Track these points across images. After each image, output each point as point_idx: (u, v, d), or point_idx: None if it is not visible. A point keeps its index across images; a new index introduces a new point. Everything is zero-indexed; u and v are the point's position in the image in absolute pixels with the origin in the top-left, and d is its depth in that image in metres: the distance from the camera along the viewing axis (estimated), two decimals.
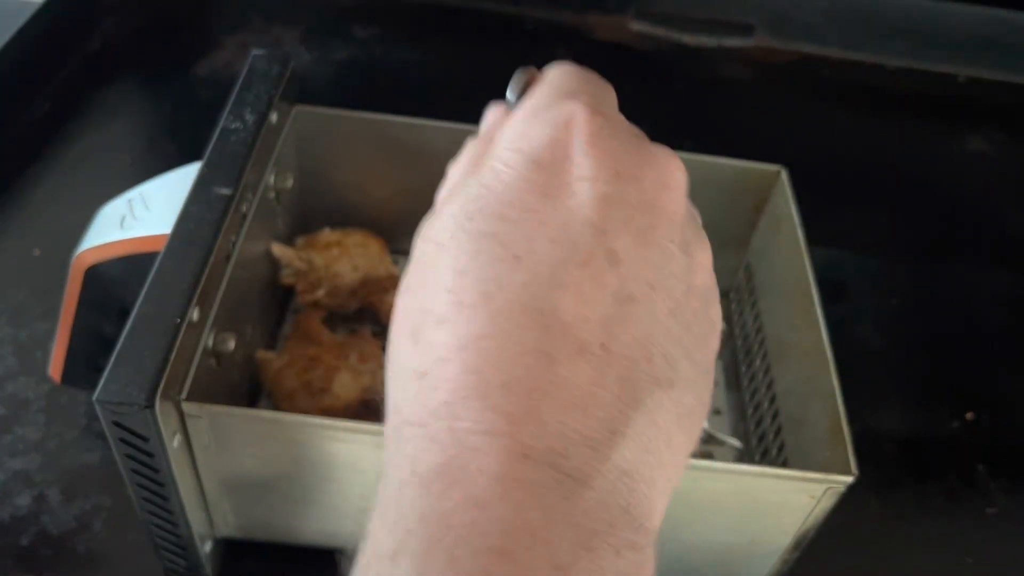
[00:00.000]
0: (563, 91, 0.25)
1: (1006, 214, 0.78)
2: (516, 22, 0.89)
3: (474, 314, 0.21)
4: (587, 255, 0.21)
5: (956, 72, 0.90)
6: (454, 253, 0.22)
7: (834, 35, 0.91)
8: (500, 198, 0.22)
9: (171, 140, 0.73)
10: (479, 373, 0.20)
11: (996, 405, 0.62)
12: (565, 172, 0.22)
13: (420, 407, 0.21)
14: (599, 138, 0.23)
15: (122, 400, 0.35)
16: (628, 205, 0.22)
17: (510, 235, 0.22)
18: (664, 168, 0.23)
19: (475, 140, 0.27)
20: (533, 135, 0.23)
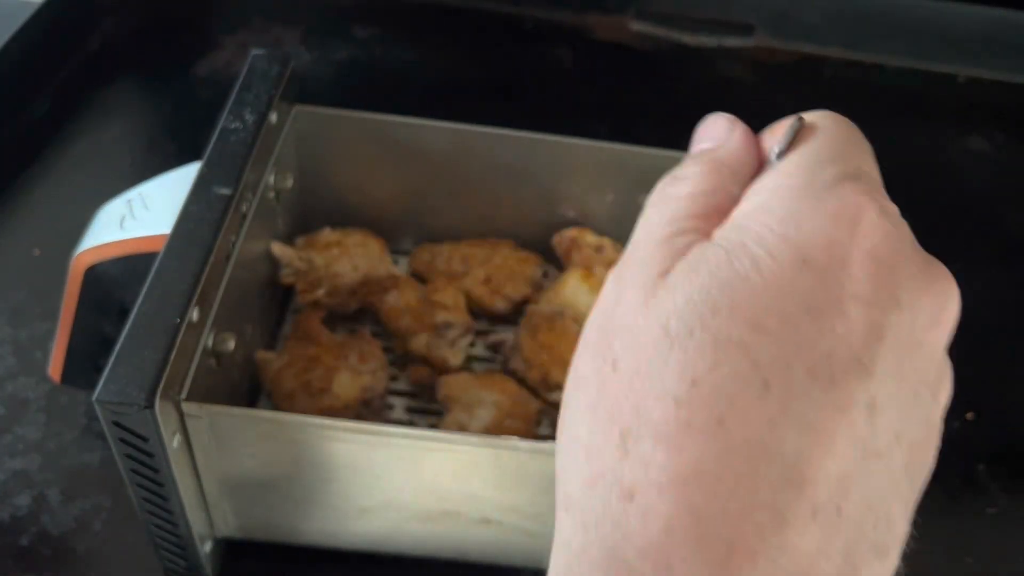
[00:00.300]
0: (845, 167, 0.20)
1: (1006, 214, 0.78)
2: (516, 22, 0.89)
3: (705, 443, 0.17)
4: (847, 400, 0.18)
5: (956, 72, 0.89)
6: (691, 355, 0.18)
7: (834, 35, 0.91)
8: (758, 298, 0.18)
9: (171, 140, 0.73)
10: (700, 519, 0.17)
11: (996, 405, 0.62)
12: (839, 284, 0.18)
13: (623, 537, 0.17)
14: (884, 251, 0.19)
15: (122, 400, 0.35)
16: (899, 343, 0.19)
17: (763, 352, 0.18)
18: (942, 299, 0.20)
19: (703, 163, 0.22)
20: (807, 225, 0.19)
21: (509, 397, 0.51)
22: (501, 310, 0.57)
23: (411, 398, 0.55)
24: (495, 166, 0.57)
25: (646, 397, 0.18)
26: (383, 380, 0.52)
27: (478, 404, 0.51)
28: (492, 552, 0.45)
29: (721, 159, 0.22)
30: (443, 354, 0.54)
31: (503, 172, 0.57)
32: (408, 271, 0.61)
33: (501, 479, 0.41)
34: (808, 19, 0.91)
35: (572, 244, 0.57)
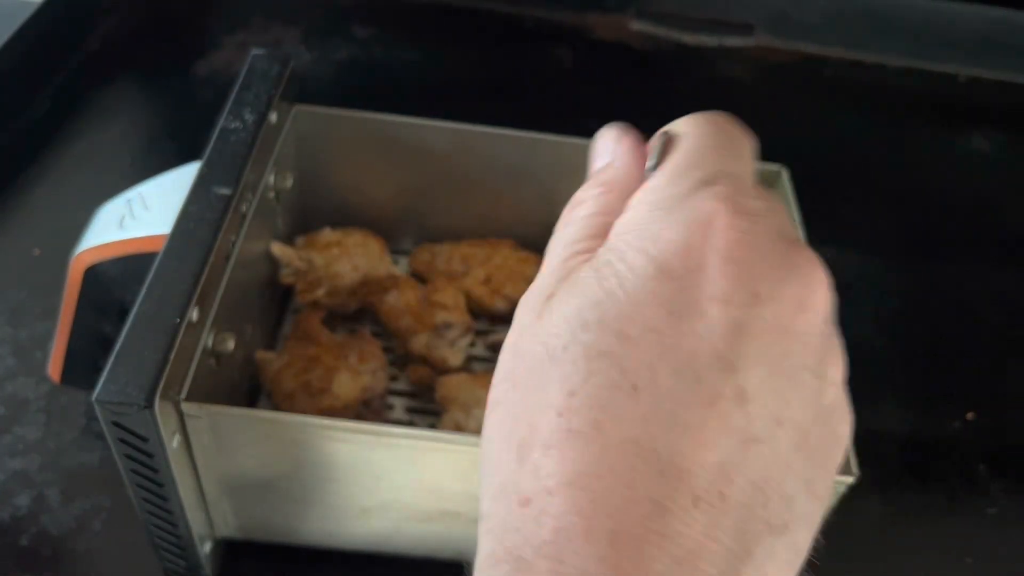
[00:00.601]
0: (702, 173, 0.22)
1: (1006, 214, 0.78)
2: (516, 22, 0.89)
3: (584, 447, 0.19)
4: (713, 393, 0.19)
5: (956, 72, 0.89)
6: (566, 369, 0.20)
7: (834, 35, 0.91)
8: (621, 310, 0.20)
9: (170, 140, 0.73)
10: (585, 516, 0.19)
11: (996, 405, 0.62)
12: (696, 287, 0.20)
13: (523, 540, 0.19)
14: (738, 250, 0.20)
15: (121, 400, 0.35)
16: (763, 332, 0.20)
17: (629, 359, 0.19)
18: (807, 285, 0.21)
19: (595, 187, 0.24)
20: (664, 236, 0.20)
21: None
22: (501, 310, 0.57)
23: (411, 398, 0.55)
24: (495, 166, 0.57)
25: (534, 411, 0.20)
26: (383, 380, 0.52)
27: (476, 404, 0.51)
28: None
29: (611, 179, 0.24)
30: (443, 354, 0.54)
31: (503, 172, 0.57)
32: (408, 271, 0.61)
33: None
34: (808, 19, 0.91)
35: None
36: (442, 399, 0.52)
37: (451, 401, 0.51)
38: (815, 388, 0.21)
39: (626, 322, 0.20)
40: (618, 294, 0.20)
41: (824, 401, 0.21)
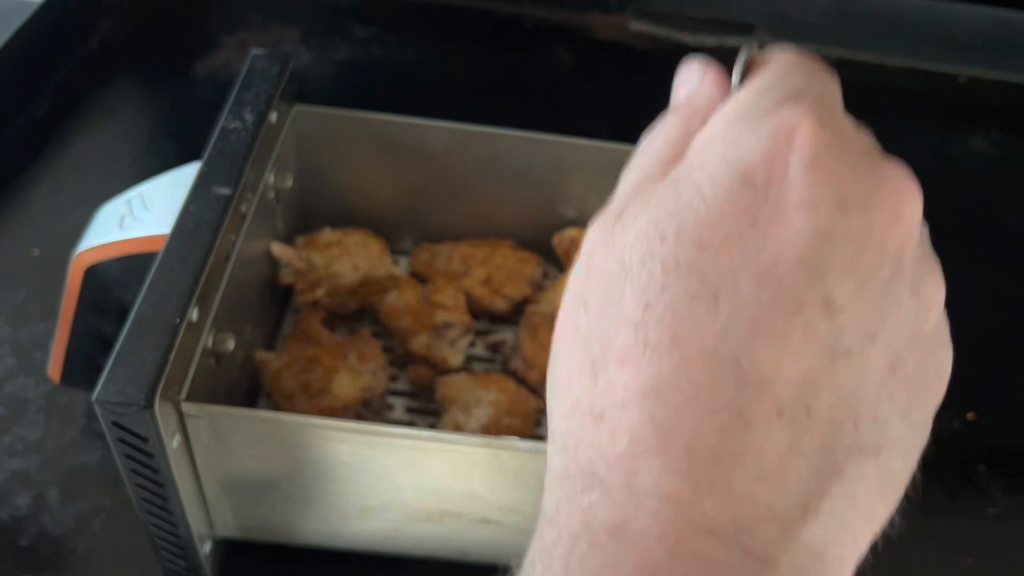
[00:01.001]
0: (787, 90, 0.21)
1: (1006, 214, 0.78)
2: (516, 22, 0.89)
3: (661, 359, 0.18)
4: (799, 301, 0.18)
5: (956, 72, 0.89)
6: (642, 282, 0.19)
7: (834, 35, 0.91)
8: (701, 220, 0.19)
9: (170, 140, 0.73)
10: (661, 428, 0.18)
11: (997, 405, 0.62)
12: (780, 195, 0.19)
13: (596, 454, 0.19)
14: (824, 158, 0.19)
15: (121, 400, 0.35)
16: (851, 241, 0.19)
17: (710, 268, 0.19)
18: (898, 195, 0.20)
19: (675, 116, 0.23)
20: (747, 145, 0.20)
21: (507, 395, 0.51)
22: (501, 310, 0.57)
23: (411, 398, 0.55)
24: (495, 166, 0.57)
25: (609, 327, 0.19)
26: (383, 380, 0.52)
27: (475, 404, 0.51)
28: (492, 552, 0.45)
29: (694, 107, 0.23)
30: (443, 354, 0.54)
31: (503, 172, 0.57)
32: (408, 271, 0.61)
33: (501, 479, 0.41)
34: (808, 19, 0.91)
35: (572, 244, 0.57)
36: (442, 399, 0.52)
37: (451, 401, 0.51)
38: (912, 308, 0.20)
39: (705, 231, 0.19)
40: (697, 204, 0.19)
41: (923, 325, 0.21)
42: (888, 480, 0.20)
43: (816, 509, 0.18)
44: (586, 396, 0.19)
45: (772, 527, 0.18)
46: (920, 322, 0.21)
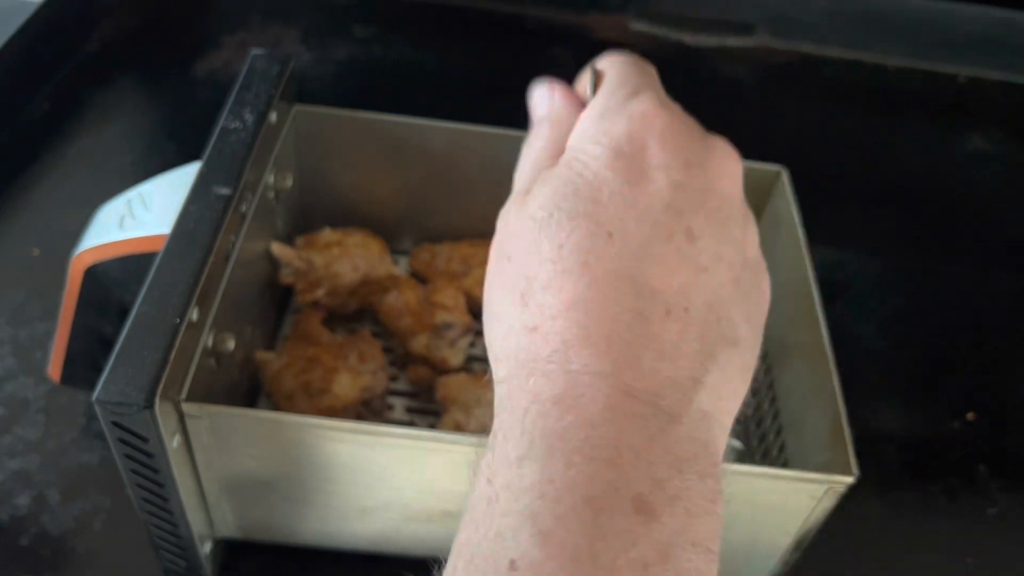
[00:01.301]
0: (630, 88, 0.28)
1: (1006, 214, 0.78)
2: (516, 22, 0.89)
3: (577, 279, 0.24)
4: (669, 232, 0.25)
5: (956, 72, 0.90)
6: (552, 229, 0.25)
7: (834, 35, 0.91)
8: (590, 184, 0.26)
9: (170, 140, 0.73)
10: (585, 328, 0.23)
11: (997, 405, 0.62)
12: (644, 161, 0.26)
13: (534, 354, 0.24)
14: (670, 132, 0.26)
15: (121, 400, 0.35)
16: (697, 190, 0.26)
17: (602, 215, 0.25)
18: (723, 157, 0.27)
19: (544, 126, 0.30)
20: (614, 130, 0.26)
21: None
22: None
23: (411, 398, 0.55)
24: (495, 166, 0.56)
25: (531, 266, 0.25)
26: (383, 380, 0.52)
27: (476, 404, 0.51)
28: None
29: (556, 117, 0.30)
30: (443, 354, 0.54)
31: (503, 172, 0.56)
32: (408, 271, 0.61)
33: None
34: (808, 19, 0.91)
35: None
36: (442, 399, 0.52)
37: (451, 401, 0.51)
38: (739, 240, 0.27)
39: (596, 191, 0.25)
40: (585, 174, 0.26)
41: (748, 254, 0.27)
42: (744, 366, 0.26)
43: (702, 381, 0.24)
44: (519, 318, 0.25)
45: (674, 393, 0.23)
46: (746, 251, 0.27)
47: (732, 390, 0.25)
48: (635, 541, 0.21)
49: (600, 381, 0.23)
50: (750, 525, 0.43)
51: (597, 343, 0.23)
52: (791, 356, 0.51)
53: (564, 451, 0.22)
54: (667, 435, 0.23)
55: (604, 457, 0.22)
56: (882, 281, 0.71)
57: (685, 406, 0.23)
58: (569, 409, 0.22)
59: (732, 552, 0.44)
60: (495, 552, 0.21)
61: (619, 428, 0.22)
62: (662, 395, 0.23)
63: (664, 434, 0.23)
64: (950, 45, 0.90)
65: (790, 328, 0.51)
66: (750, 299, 0.27)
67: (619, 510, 0.21)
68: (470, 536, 0.23)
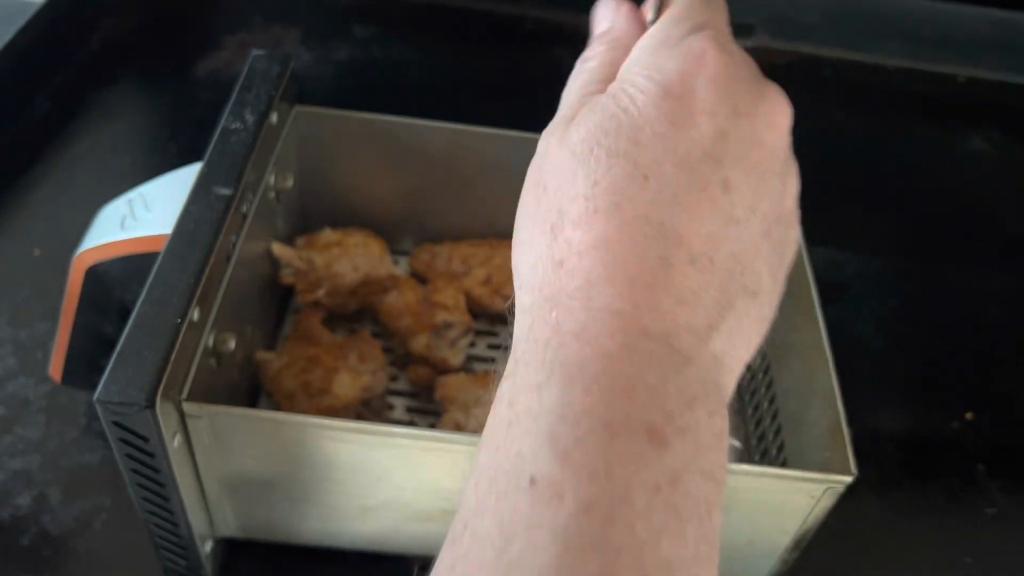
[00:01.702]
0: (693, 22, 0.27)
1: (1006, 214, 0.78)
2: (516, 22, 0.89)
3: (607, 220, 0.24)
4: (705, 181, 0.25)
5: (956, 72, 0.90)
6: (591, 165, 0.25)
7: (834, 35, 0.91)
8: (634, 122, 0.25)
9: (171, 141, 0.73)
10: (609, 268, 0.24)
11: (996, 405, 0.62)
12: (692, 104, 0.25)
13: (558, 289, 0.25)
14: (723, 76, 0.26)
15: (122, 400, 0.35)
16: (741, 140, 0.26)
17: (641, 157, 0.25)
18: (774, 108, 0.27)
19: (601, 45, 0.30)
20: (667, 66, 0.26)
21: None
22: (501, 310, 0.57)
23: (411, 398, 0.55)
24: (495, 166, 0.57)
25: (564, 200, 0.25)
26: (383, 380, 0.52)
27: (475, 404, 0.51)
28: None
29: (614, 37, 0.30)
30: (443, 354, 0.54)
31: (503, 172, 0.57)
32: (408, 271, 0.61)
33: None
34: (808, 19, 0.91)
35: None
36: (442, 399, 0.52)
37: (451, 401, 0.51)
38: (779, 191, 0.27)
39: (638, 130, 0.25)
40: (631, 109, 0.25)
41: (785, 206, 0.27)
42: (760, 317, 0.26)
43: (718, 328, 0.25)
44: (548, 250, 0.25)
45: (689, 336, 0.24)
46: (784, 203, 0.27)
47: (746, 339, 0.26)
48: (647, 465, 0.22)
49: (619, 320, 0.24)
50: (749, 524, 0.43)
51: (619, 284, 0.24)
52: (790, 356, 0.51)
53: (583, 380, 0.23)
54: (680, 374, 0.23)
55: (620, 388, 0.23)
56: (881, 281, 0.71)
57: (699, 349, 0.24)
58: (588, 343, 0.23)
59: (732, 551, 0.45)
60: (516, 469, 0.22)
61: (635, 364, 0.23)
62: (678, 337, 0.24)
63: (677, 373, 0.23)
64: (949, 45, 0.90)
65: (789, 328, 0.51)
66: (776, 251, 0.27)
67: (633, 436, 0.22)
68: (490, 457, 0.23)
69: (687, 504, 0.22)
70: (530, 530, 0.21)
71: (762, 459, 0.51)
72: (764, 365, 0.54)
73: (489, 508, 0.22)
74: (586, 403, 0.22)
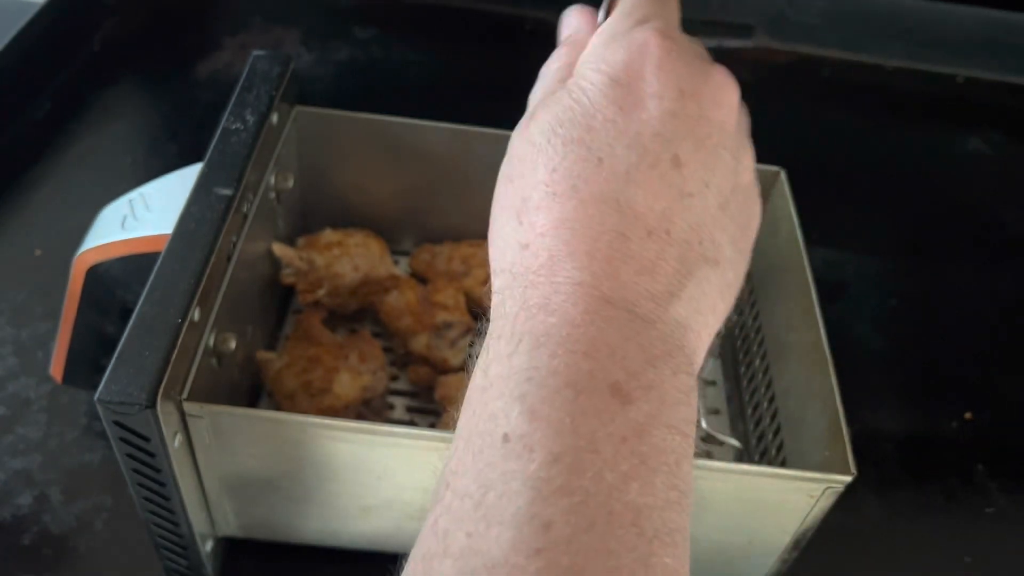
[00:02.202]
0: (639, 16, 0.29)
1: (1006, 214, 0.78)
2: (516, 22, 0.89)
3: (565, 202, 0.26)
4: (655, 159, 0.26)
5: (955, 72, 0.90)
6: (548, 154, 0.27)
7: (833, 35, 0.91)
8: (586, 110, 0.27)
9: (172, 141, 0.74)
10: (569, 244, 0.26)
11: (995, 405, 0.62)
12: (639, 89, 0.27)
13: (525, 268, 0.26)
14: (667, 61, 0.28)
15: (123, 400, 0.35)
16: (688, 118, 0.27)
17: (594, 141, 0.27)
18: (719, 87, 0.28)
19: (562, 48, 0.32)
20: (613, 58, 0.28)
21: None
22: None
23: (411, 398, 0.55)
24: (495, 166, 0.56)
25: (527, 188, 0.27)
26: (383, 380, 0.52)
27: None
28: None
29: (574, 40, 0.31)
30: (443, 354, 0.55)
31: None
32: (408, 271, 0.61)
33: None
34: (807, 20, 0.91)
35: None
36: (442, 399, 0.52)
37: (451, 401, 0.51)
38: (732, 166, 0.28)
39: (590, 118, 0.27)
40: (583, 100, 0.27)
41: (741, 180, 0.29)
42: (725, 284, 0.28)
43: (678, 295, 0.26)
44: (514, 235, 0.27)
45: (650, 303, 0.26)
46: (739, 177, 0.28)
47: (710, 305, 0.27)
48: (612, 418, 0.23)
49: (580, 289, 0.25)
50: (748, 524, 0.43)
51: (579, 257, 0.26)
52: (789, 356, 0.51)
53: (548, 346, 0.24)
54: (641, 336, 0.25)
55: (583, 351, 0.24)
56: (880, 281, 0.71)
57: (660, 314, 0.26)
58: (553, 313, 0.25)
59: (731, 551, 0.45)
60: (490, 430, 0.24)
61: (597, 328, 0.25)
62: (638, 303, 0.25)
63: (638, 335, 0.25)
64: (948, 46, 0.90)
65: (788, 328, 0.51)
66: (737, 222, 0.28)
67: (597, 394, 0.24)
68: (467, 420, 0.25)
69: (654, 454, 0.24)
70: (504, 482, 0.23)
71: (761, 459, 0.52)
72: (764, 365, 0.54)
73: (467, 466, 0.24)
74: (552, 365, 0.24)
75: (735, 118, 0.29)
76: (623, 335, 0.25)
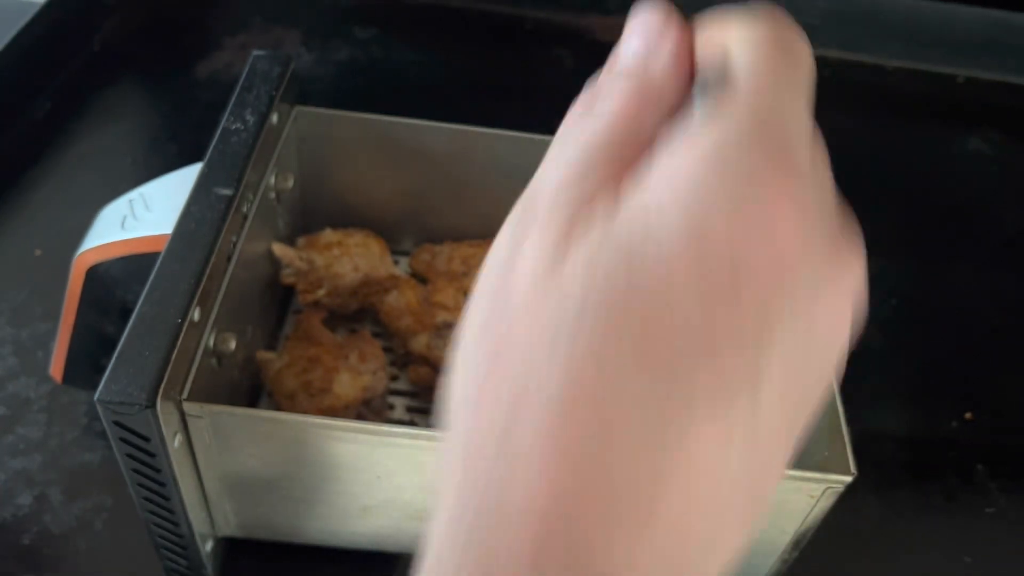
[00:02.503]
0: (769, 146, 0.18)
1: (1006, 214, 0.78)
2: (516, 22, 0.89)
3: (567, 457, 0.17)
4: (730, 397, 0.17)
5: (955, 72, 0.90)
6: (580, 338, 0.17)
7: (834, 35, 0.91)
8: (648, 284, 0.17)
9: (172, 141, 0.74)
10: (551, 521, 0.17)
11: (995, 405, 0.62)
12: (737, 279, 0.17)
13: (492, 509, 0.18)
14: (791, 259, 0.17)
15: (123, 400, 0.35)
16: (790, 347, 0.18)
17: (648, 349, 0.16)
18: (838, 308, 0.19)
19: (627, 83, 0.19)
20: (713, 212, 0.17)
21: None
22: None
23: (411, 398, 0.55)
24: (495, 166, 0.57)
25: (533, 371, 0.17)
26: (383, 380, 0.52)
27: None
28: None
29: (649, 82, 0.19)
30: (443, 354, 0.54)
31: (503, 172, 0.57)
32: (408, 271, 0.61)
33: None
34: (807, 19, 0.91)
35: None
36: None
37: None
38: (818, 395, 0.19)
39: (651, 304, 0.17)
40: (645, 264, 0.17)
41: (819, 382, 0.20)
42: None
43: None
44: (488, 471, 0.18)
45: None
46: (822, 377, 0.20)
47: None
48: None
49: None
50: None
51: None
52: None
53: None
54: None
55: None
56: (880, 281, 0.70)
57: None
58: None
59: None
60: None
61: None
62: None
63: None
64: (949, 46, 0.90)
65: None
66: (771, 467, 0.20)
67: None
68: None
69: None
70: None
71: None
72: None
73: None
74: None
75: (847, 334, 0.20)
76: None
